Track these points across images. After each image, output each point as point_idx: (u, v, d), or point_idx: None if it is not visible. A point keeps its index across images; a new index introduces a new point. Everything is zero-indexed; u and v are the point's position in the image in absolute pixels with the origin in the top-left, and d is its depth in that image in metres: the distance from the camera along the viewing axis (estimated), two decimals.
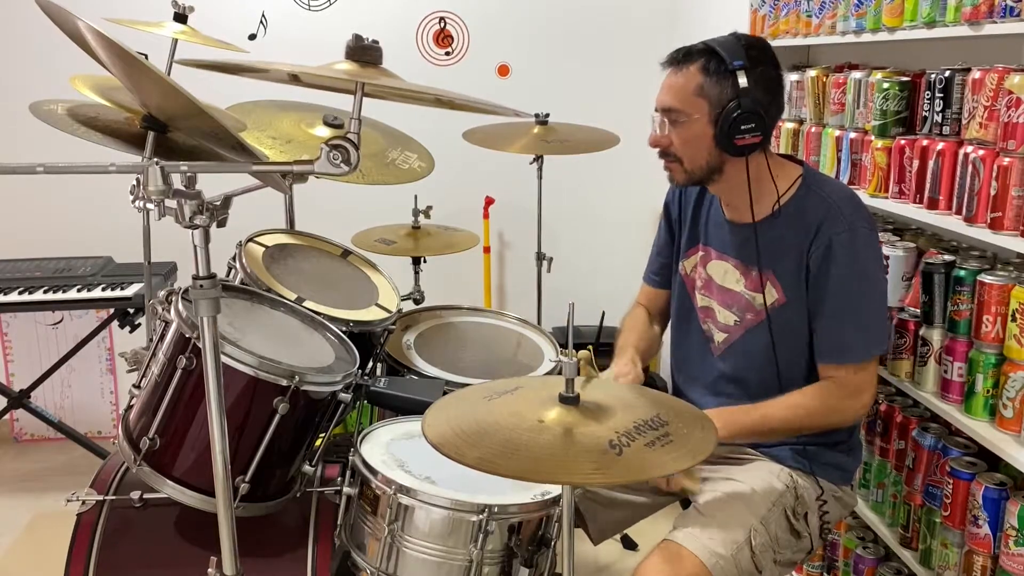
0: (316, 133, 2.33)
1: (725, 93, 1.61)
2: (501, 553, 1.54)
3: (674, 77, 1.66)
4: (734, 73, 1.60)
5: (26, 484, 3.23)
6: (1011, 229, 1.56)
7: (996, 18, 1.59)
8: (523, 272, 3.40)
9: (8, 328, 3.46)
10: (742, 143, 1.61)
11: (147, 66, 1.31)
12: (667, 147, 1.69)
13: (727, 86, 1.61)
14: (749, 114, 1.59)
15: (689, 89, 1.63)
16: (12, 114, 2.70)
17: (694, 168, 1.68)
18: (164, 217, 1.22)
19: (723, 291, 1.77)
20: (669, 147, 1.68)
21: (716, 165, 1.67)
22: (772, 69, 1.65)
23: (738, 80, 1.59)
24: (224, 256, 1.89)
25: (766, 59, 1.65)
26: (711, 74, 1.62)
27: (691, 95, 1.63)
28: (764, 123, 1.61)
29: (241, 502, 1.59)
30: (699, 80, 1.62)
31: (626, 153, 2.95)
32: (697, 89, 1.63)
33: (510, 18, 3.57)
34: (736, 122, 1.60)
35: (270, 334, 1.77)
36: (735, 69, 1.60)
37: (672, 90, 1.66)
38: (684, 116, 1.64)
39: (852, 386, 1.64)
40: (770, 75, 1.65)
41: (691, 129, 1.64)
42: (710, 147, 1.65)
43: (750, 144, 1.62)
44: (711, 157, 1.66)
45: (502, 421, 1.23)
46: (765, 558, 1.60)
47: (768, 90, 1.63)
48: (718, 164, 1.67)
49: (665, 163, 1.72)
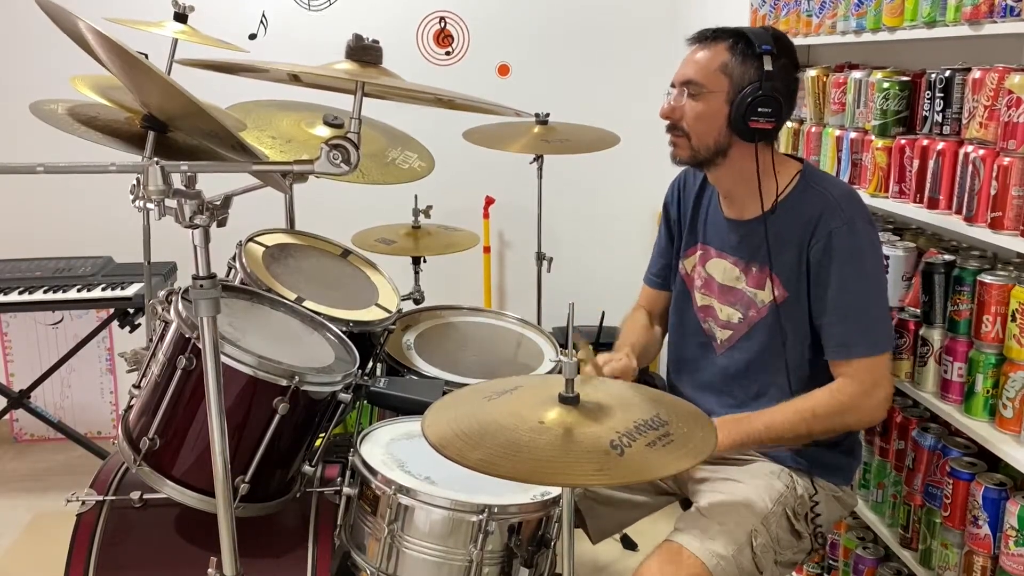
0: (316, 133, 2.33)
1: (748, 75, 1.61)
2: (501, 553, 1.54)
3: (700, 52, 1.66)
4: (760, 57, 1.61)
5: (26, 484, 3.23)
6: (1011, 229, 1.56)
7: (996, 18, 1.59)
8: (523, 272, 3.40)
9: (8, 328, 3.46)
10: (755, 126, 1.61)
11: (147, 66, 1.31)
12: (678, 120, 1.68)
13: (751, 68, 1.61)
14: (767, 98, 1.60)
15: (714, 65, 1.64)
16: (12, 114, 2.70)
17: (700, 146, 1.67)
18: (164, 217, 1.22)
19: (724, 289, 1.77)
20: (680, 120, 1.67)
21: (723, 147, 1.66)
22: (793, 66, 1.67)
23: (764, 63, 1.60)
24: (224, 256, 1.89)
25: (791, 54, 1.66)
26: (737, 54, 1.62)
27: (714, 70, 1.63)
28: (780, 111, 1.62)
29: (241, 502, 1.58)
30: (724, 58, 1.63)
31: (626, 153, 2.95)
32: (721, 66, 1.63)
33: (510, 18, 3.57)
34: (753, 104, 1.60)
35: (270, 334, 1.77)
36: (762, 53, 1.61)
37: (696, 64, 1.66)
38: (703, 90, 1.64)
39: (867, 381, 1.62)
40: (791, 70, 1.66)
41: (707, 104, 1.64)
42: (721, 126, 1.64)
43: (762, 129, 1.62)
44: (720, 137, 1.65)
45: (502, 422, 1.23)
46: (766, 559, 1.60)
47: (787, 83, 1.65)
48: (725, 146, 1.66)
49: (671, 137, 1.70)
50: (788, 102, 1.66)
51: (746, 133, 1.63)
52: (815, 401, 1.63)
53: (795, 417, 1.63)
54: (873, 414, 1.67)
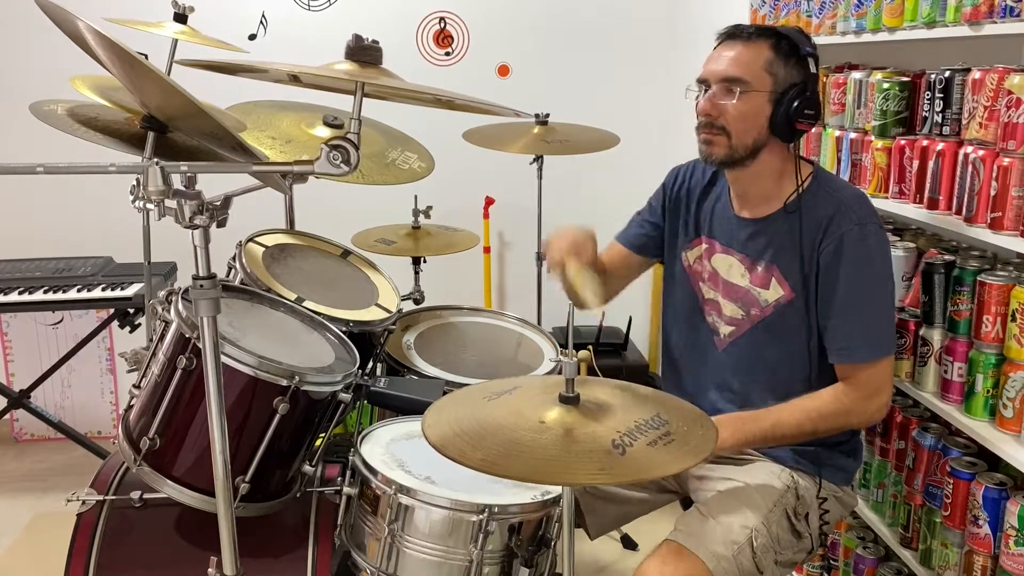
0: (316, 133, 2.33)
1: (791, 75, 1.62)
2: (501, 553, 1.54)
3: (740, 49, 1.64)
4: (805, 59, 1.61)
5: (26, 484, 3.23)
6: (1011, 229, 1.56)
7: (996, 18, 1.59)
8: (523, 272, 3.40)
9: (8, 328, 3.46)
10: (801, 127, 1.62)
11: (147, 66, 1.31)
12: (718, 118, 1.64)
13: (794, 69, 1.62)
14: (813, 100, 1.61)
15: (759, 62, 1.62)
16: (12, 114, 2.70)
17: (739, 144, 1.65)
18: (164, 217, 1.22)
19: (728, 285, 1.77)
20: (719, 118, 1.64)
21: (760, 146, 1.65)
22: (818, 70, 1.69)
23: (808, 65, 1.61)
24: (224, 256, 1.89)
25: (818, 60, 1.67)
26: (781, 54, 1.62)
27: (760, 69, 1.62)
28: (819, 113, 1.63)
29: (241, 502, 1.58)
30: (769, 56, 1.62)
31: (626, 153, 2.95)
32: (767, 64, 1.62)
33: (510, 18, 3.57)
34: (800, 106, 1.61)
35: (270, 334, 1.77)
36: (806, 55, 1.61)
37: (739, 61, 1.63)
38: (749, 88, 1.62)
39: (870, 387, 1.63)
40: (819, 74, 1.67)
41: (751, 103, 1.62)
42: (762, 126, 1.64)
43: (802, 130, 1.63)
44: (760, 136, 1.64)
45: (503, 422, 1.23)
46: (766, 558, 1.60)
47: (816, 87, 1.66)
48: (761, 145, 1.65)
49: (706, 135, 1.66)
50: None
51: (787, 134, 1.63)
52: (820, 402, 1.64)
53: (802, 416, 1.63)
54: (874, 417, 1.69)
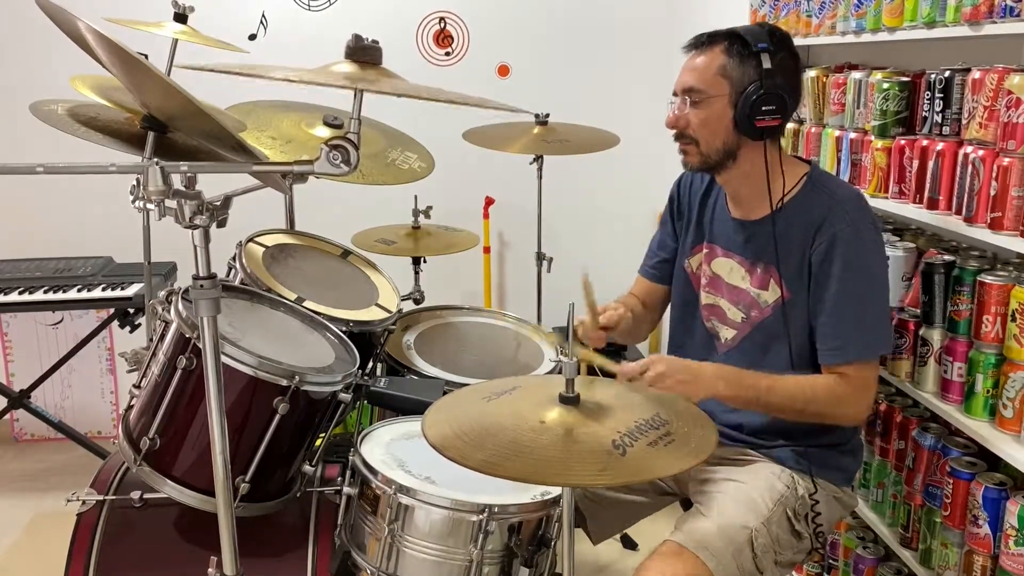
0: (316, 133, 2.33)
1: (747, 74, 1.61)
2: (501, 553, 1.54)
3: (696, 59, 1.66)
4: (758, 55, 1.61)
5: (26, 484, 3.23)
6: (1011, 229, 1.56)
7: (996, 18, 1.59)
8: (523, 272, 3.40)
9: (8, 328, 3.46)
10: (762, 124, 1.61)
11: (147, 66, 1.31)
12: (684, 128, 1.68)
13: (750, 67, 1.61)
14: (770, 95, 1.60)
15: (711, 69, 1.63)
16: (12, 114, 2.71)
17: (710, 151, 1.67)
18: (164, 217, 1.22)
19: (730, 288, 1.77)
20: (686, 128, 1.67)
21: (732, 148, 1.66)
22: (792, 58, 1.66)
23: (761, 61, 1.60)
24: (224, 256, 1.89)
25: (788, 46, 1.66)
26: (734, 55, 1.62)
27: (713, 75, 1.63)
28: (784, 106, 1.62)
29: (241, 502, 1.59)
30: (721, 60, 1.63)
31: (626, 153, 2.95)
32: (720, 69, 1.63)
33: (510, 18, 3.57)
34: (757, 103, 1.60)
35: (270, 334, 1.77)
36: (759, 51, 1.60)
37: (694, 71, 1.66)
38: (704, 96, 1.64)
39: (859, 385, 1.63)
40: (790, 62, 1.66)
41: (710, 109, 1.64)
42: (728, 129, 1.64)
43: (769, 127, 1.62)
44: (728, 139, 1.65)
45: (503, 422, 1.23)
46: (766, 559, 1.60)
47: (788, 76, 1.64)
48: (734, 147, 1.66)
49: (680, 145, 1.71)
50: (792, 95, 1.65)
51: (753, 132, 1.63)
52: (817, 381, 1.64)
53: (795, 389, 1.62)
54: (859, 415, 1.69)
